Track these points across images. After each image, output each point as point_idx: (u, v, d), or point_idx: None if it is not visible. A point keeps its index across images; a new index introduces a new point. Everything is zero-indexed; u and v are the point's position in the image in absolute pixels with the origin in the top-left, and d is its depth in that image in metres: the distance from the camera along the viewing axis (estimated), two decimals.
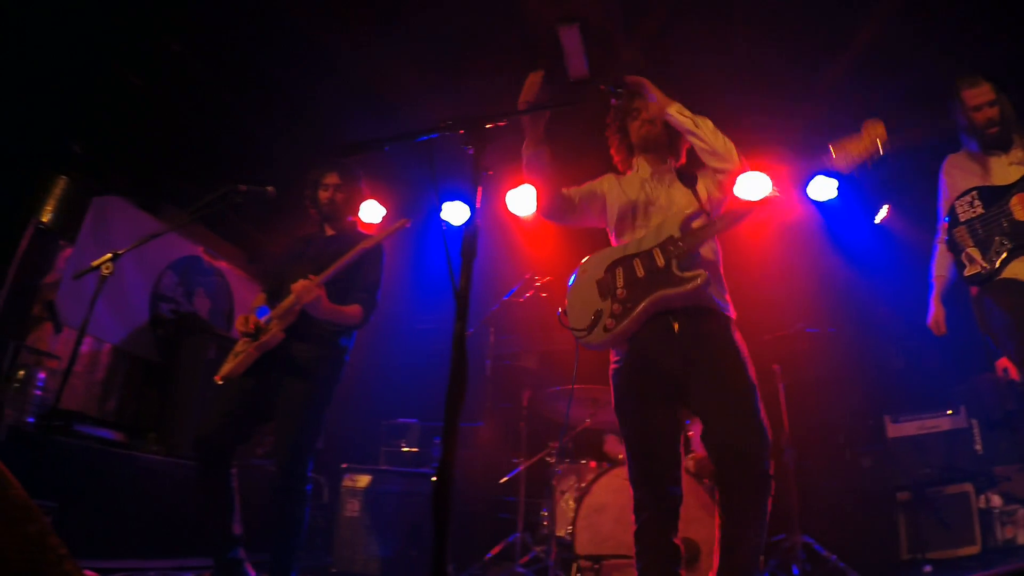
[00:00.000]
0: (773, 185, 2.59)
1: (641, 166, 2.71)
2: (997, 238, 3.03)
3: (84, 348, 4.63)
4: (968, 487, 4.27)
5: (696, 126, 2.50)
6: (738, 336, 2.40)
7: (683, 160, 2.76)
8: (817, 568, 4.12)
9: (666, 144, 2.70)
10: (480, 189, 1.84)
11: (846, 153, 2.28)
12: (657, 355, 2.35)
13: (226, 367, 3.08)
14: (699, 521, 3.82)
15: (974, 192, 3.16)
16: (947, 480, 4.39)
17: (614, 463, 3.90)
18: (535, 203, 2.72)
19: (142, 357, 5.10)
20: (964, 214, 3.19)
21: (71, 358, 2.93)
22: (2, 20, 3.91)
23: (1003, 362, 3.46)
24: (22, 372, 4.00)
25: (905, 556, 4.45)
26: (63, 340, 4.51)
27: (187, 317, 5.37)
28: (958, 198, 3.23)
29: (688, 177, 2.62)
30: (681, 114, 2.54)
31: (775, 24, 4.50)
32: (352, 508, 4.30)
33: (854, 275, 5.63)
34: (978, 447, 4.50)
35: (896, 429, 4.84)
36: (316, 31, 4.51)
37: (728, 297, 2.50)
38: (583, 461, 4.20)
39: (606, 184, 2.74)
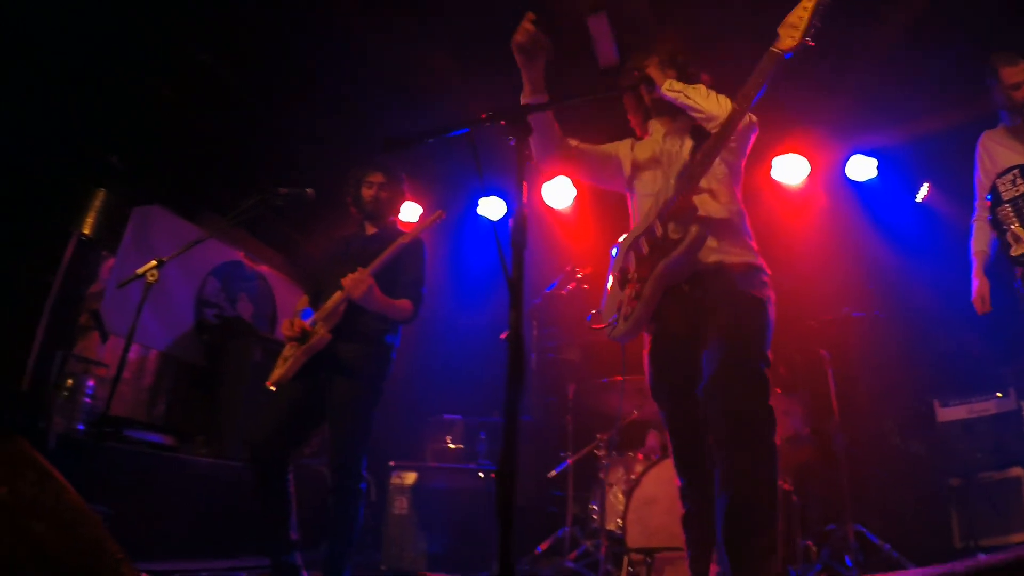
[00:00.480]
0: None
1: (656, 129, 2.58)
2: None
3: (131, 355, 4.72)
4: (1019, 471, 4.14)
5: (687, 97, 2.32)
6: (759, 282, 2.22)
7: None
8: (870, 558, 4.03)
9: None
10: (526, 179, 1.81)
11: (790, 27, 2.00)
12: (674, 327, 2.26)
13: (276, 372, 3.11)
14: None
15: (1016, 170, 3.07)
16: (998, 464, 4.26)
17: (663, 455, 3.85)
18: (533, 151, 2.48)
19: (188, 362, 5.18)
20: (1008, 192, 3.10)
21: (119, 365, 2.98)
22: (39, 39, 4.00)
23: None
24: (71, 380, 4.09)
25: (958, 544, 4.35)
26: (110, 348, 4.61)
27: (231, 321, 5.45)
28: (1000, 176, 3.14)
29: (701, 132, 2.36)
30: (671, 89, 2.37)
31: None
32: (400, 505, 4.33)
33: (897, 257, 5.49)
34: None
35: (945, 413, 4.72)
36: (349, 24, 4.49)
37: (755, 249, 2.31)
38: (630, 453, 4.16)
39: (622, 149, 2.62)
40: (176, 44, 4.45)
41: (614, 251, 2.53)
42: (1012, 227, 3.04)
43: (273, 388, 3.08)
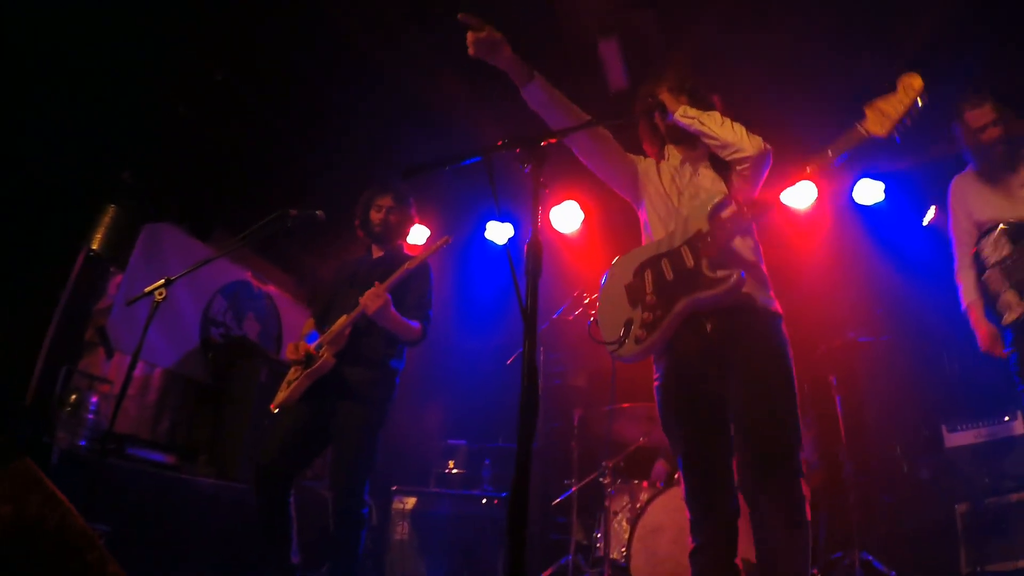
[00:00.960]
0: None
1: (672, 154, 2.56)
2: None
3: (136, 372, 4.71)
4: None
5: (702, 123, 2.29)
6: (779, 331, 2.24)
7: None
8: None
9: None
10: (540, 206, 1.81)
11: (881, 113, 2.02)
12: (693, 363, 2.22)
13: (280, 395, 3.11)
14: None
15: (998, 230, 3.05)
16: (1006, 489, 4.22)
17: (669, 483, 3.82)
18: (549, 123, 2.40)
19: (194, 380, 5.17)
20: (992, 255, 3.07)
21: (124, 382, 2.95)
22: (54, 52, 4.04)
23: None
24: (74, 396, 4.08)
25: (965, 571, 4.30)
26: (115, 364, 4.60)
27: (238, 341, 5.44)
28: (982, 236, 3.12)
29: (721, 162, 2.37)
30: (685, 116, 2.35)
31: (820, 28, 4.43)
32: (402, 530, 4.30)
33: (904, 281, 5.48)
34: None
35: (953, 439, 4.68)
36: (363, 46, 4.51)
37: (772, 294, 2.32)
38: (636, 481, 4.12)
39: (643, 164, 2.58)
40: (193, 62, 4.48)
41: (618, 261, 2.46)
42: (1004, 294, 3.00)
43: (276, 411, 3.07)
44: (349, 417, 3.02)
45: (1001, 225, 3.05)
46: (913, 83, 2.04)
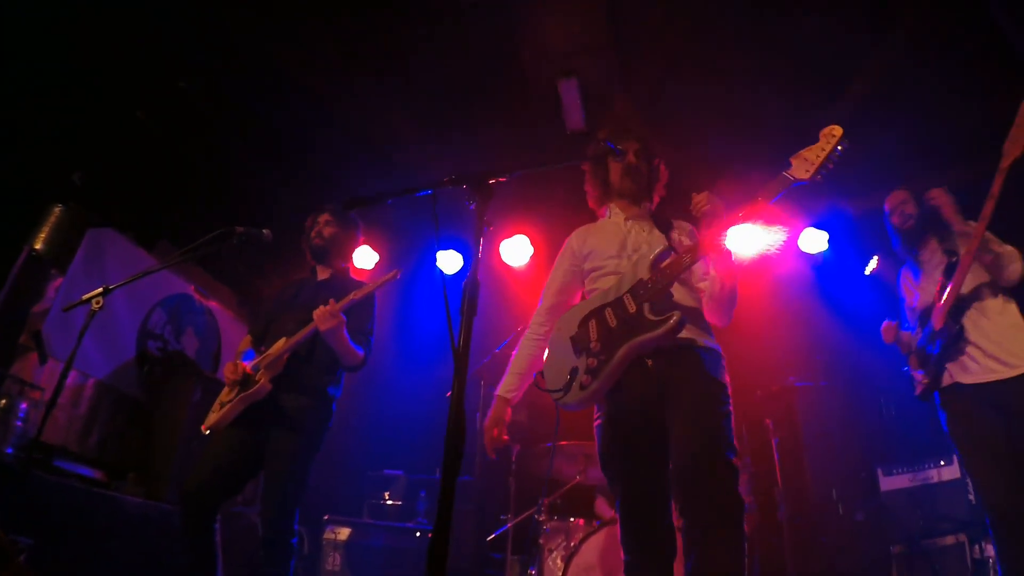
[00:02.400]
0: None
1: (614, 211, 2.67)
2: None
3: (68, 381, 4.54)
4: (963, 537, 4.18)
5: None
6: (720, 369, 2.33)
7: (656, 203, 2.74)
8: None
9: (645, 188, 2.67)
10: (481, 245, 1.82)
11: (805, 160, 2.22)
12: (635, 401, 2.26)
13: (212, 417, 3.03)
14: None
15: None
16: (941, 531, 4.31)
17: (604, 522, 3.82)
18: None
19: (127, 394, 5.00)
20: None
21: (55, 390, 2.84)
22: (12, 47, 3.93)
23: None
24: (4, 401, 3.91)
25: None
26: (47, 371, 4.42)
27: (174, 356, 5.28)
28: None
29: (663, 222, 2.55)
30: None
31: (771, 77, 4.60)
32: (333, 562, 4.19)
33: (845, 328, 5.64)
34: (971, 497, 4.46)
35: (889, 482, 4.79)
36: (315, 82, 4.60)
37: (713, 336, 2.42)
38: (572, 519, 4.10)
39: (575, 243, 2.68)
40: (158, 68, 4.43)
41: (563, 317, 2.52)
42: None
43: (207, 432, 2.99)
44: (282, 443, 2.95)
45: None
46: (834, 132, 2.23)
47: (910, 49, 4.27)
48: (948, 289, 3.06)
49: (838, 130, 2.23)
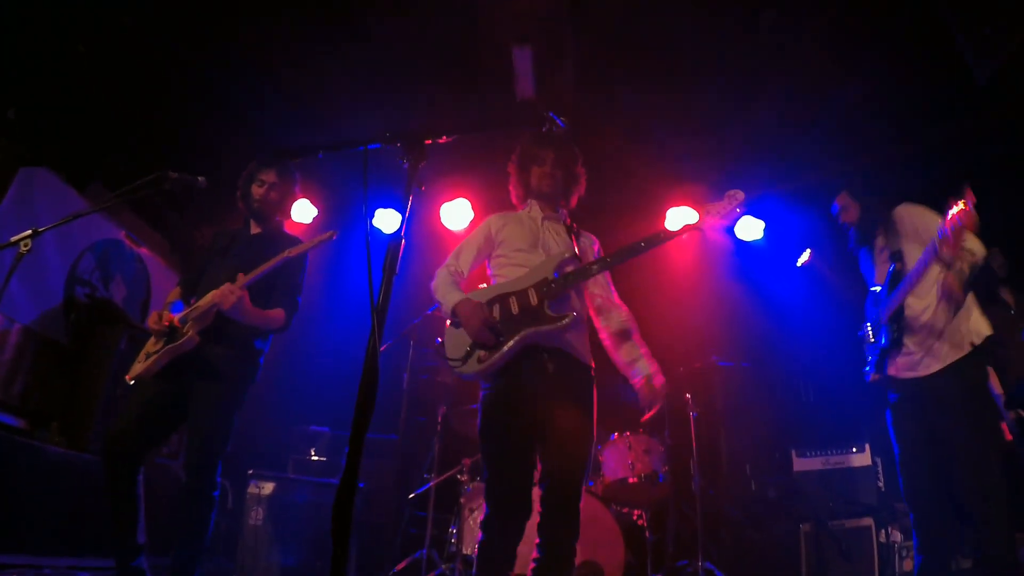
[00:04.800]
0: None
1: (533, 208, 2.92)
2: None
3: None
4: (869, 521, 4.43)
5: None
6: (594, 388, 2.65)
7: (572, 206, 2.98)
8: None
9: (561, 193, 2.92)
10: (410, 204, 1.85)
11: (707, 213, 2.62)
12: (526, 391, 2.51)
13: (137, 367, 2.98)
14: (607, 545, 3.91)
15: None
16: (850, 514, 4.56)
17: None
18: None
19: (52, 341, 4.85)
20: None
21: None
22: None
23: None
24: None
25: None
26: None
27: (102, 303, 5.11)
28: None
29: (573, 229, 2.85)
30: None
31: (716, 67, 4.70)
32: (256, 516, 4.18)
33: (773, 314, 5.84)
34: (881, 484, 4.71)
35: (802, 463, 5.02)
36: (259, 34, 4.51)
37: (589, 351, 2.71)
38: None
39: (493, 227, 2.90)
40: (103, 1, 4.25)
41: (470, 294, 2.70)
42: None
43: (131, 382, 2.95)
44: (207, 395, 2.93)
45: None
46: (737, 195, 2.65)
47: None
48: (892, 299, 3.14)
49: (740, 195, 2.67)
